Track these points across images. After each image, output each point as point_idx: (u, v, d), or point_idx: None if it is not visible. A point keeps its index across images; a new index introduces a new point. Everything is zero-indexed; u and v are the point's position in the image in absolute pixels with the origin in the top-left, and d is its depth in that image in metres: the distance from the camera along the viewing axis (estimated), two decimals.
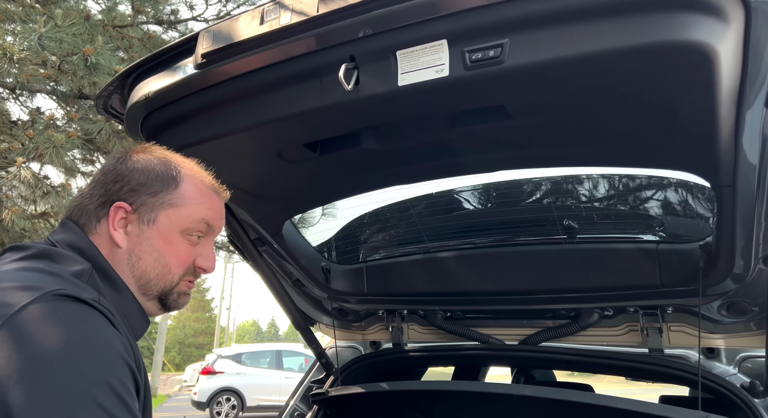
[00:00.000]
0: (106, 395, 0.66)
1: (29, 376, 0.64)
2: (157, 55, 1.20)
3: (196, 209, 0.95)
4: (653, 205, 1.39)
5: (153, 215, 0.91)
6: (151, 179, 0.92)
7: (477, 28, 0.87)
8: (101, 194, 0.91)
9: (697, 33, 0.76)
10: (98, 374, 0.68)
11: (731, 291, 1.25)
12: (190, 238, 0.94)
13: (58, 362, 0.66)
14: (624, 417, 1.31)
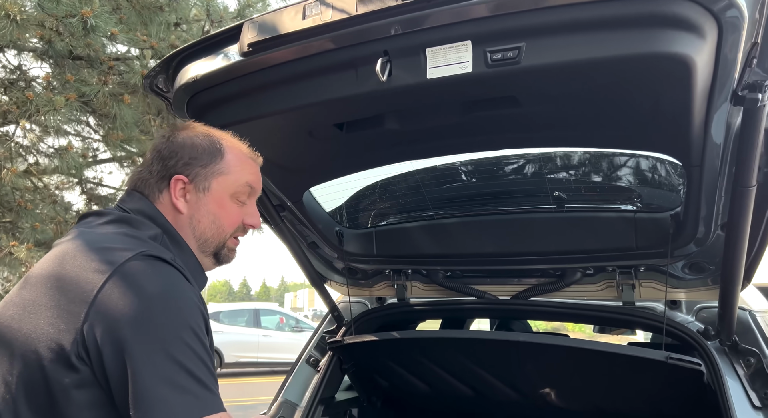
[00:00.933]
0: (190, 336, 0.84)
1: (137, 318, 0.81)
2: (201, 41, 1.32)
3: (241, 174, 1.08)
4: (632, 179, 1.58)
5: (207, 184, 1.05)
6: (200, 153, 1.05)
7: (499, 32, 1.00)
8: (159, 169, 1.04)
9: (680, 46, 0.92)
10: (185, 320, 0.86)
11: (693, 253, 1.47)
12: (239, 200, 1.08)
13: (156, 309, 0.84)
14: (599, 357, 1.55)
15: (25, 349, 0.84)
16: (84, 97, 3.38)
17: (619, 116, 1.19)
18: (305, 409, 1.82)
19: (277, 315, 12.55)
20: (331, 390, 1.93)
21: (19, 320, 0.87)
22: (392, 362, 1.92)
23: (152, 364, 0.79)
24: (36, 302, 0.87)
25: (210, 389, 0.83)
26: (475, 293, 1.85)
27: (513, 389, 1.78)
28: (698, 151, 1.15)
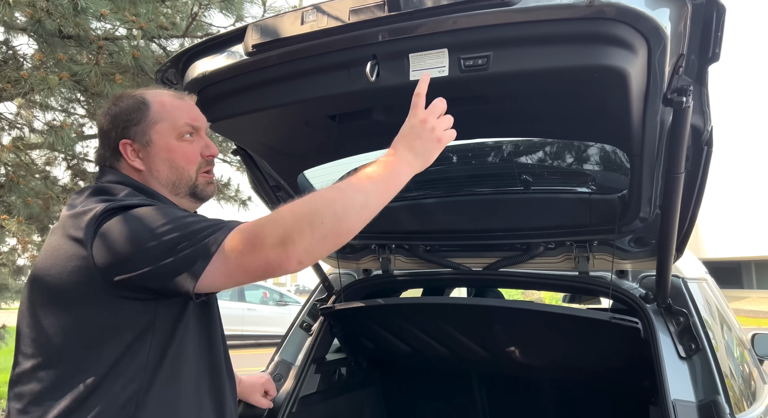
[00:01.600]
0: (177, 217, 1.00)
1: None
2: (209, 40, 1.46)
3: (174, 117, 1.18)
4: (588, 166, 1.77)
5: (147, 137, 1.15)
6: (129, 114, 1.16)
7: (471, 42, 1.15)
8: (108, 143, 1.17)
9: (616, 60, 1.10)
10: (171, 209, 1.04)
11: (638, 229, 1.67)
12: (186, 139, 1.17)
13: (142, 215, 0.99)
14: (557, 319, 1.78)
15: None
16: (76, 76, 3.46)
17: (572, 113, 1.38)
18: (299, 368, 2.03)
19: (260, 290, 12.73)
20: (322, 351, 2.14)
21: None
22: (377, 326, 2.14)
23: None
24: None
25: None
26: (451, 265, 2.04)
27: (483, 349, 2.01)
28: (638, 144, 1.34)
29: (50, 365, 1.00)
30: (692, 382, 1.48)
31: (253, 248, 0.93)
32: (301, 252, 0.92)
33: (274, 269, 0.93)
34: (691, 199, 1.47)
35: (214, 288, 0.98)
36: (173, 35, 3.79)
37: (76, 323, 1.00)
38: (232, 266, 0.94)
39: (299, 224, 0.93)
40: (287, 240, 0.91)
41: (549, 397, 2.32)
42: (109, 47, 3.70)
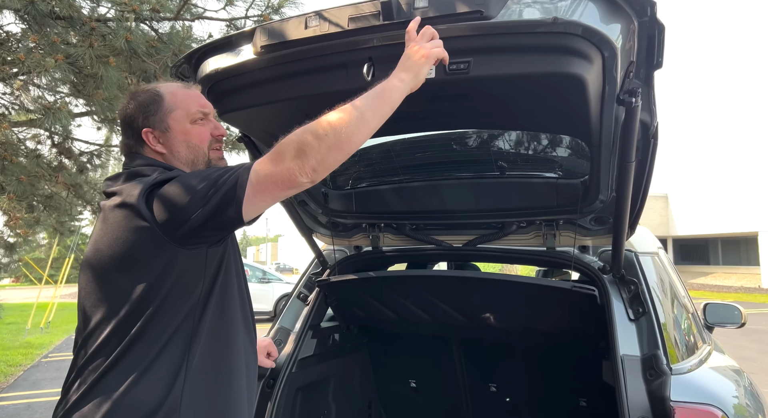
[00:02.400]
0: (204, 173, 1.20)
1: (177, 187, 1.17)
2: (219, 40, 1.61)
3: (185, 104, 1.35)
4: (555, 154, 1.99)
5: (165, 124, 1.33)
6: (147, 106, 1.33)
7: (455, 49, 1.28)
8: (131, 133, 1.35)
9: (576, 68, 1.28)
10: (200, 171, 1.23)
11: (597, 209, 1.87)
12: (198, 122, 1.35)
13: (180, 180, 1.18)
14: (526, 287, 2.03)
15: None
16: (70, 58, 3.54)
17: (540, 110, 1.57)
18: (298, 333, 2.25)
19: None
20: (317, 319, 2.37)
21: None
22: (368, 297, 2.36)
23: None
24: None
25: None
26: (434, 242, 2.25)
27: (462, 315, 2.26)
28: (597, 136, 1.54)
29: (120, 328, 1.17)
30: (638, 340, 1.73)
31: (277, 162, 1.12)
32: (314, 162, 1.11)
33: (296, 177, 1.11)
34: (641, 184, 1.69)
35: (255, 208, 1.16)
36: (165, 18, 3.87)
37: (142, 280, 1.17)
38: (262, 181, 1.12)
39: (308, 139, 1.12)
40: (301, 153, 1.10)
41: (518, 357, 2.60)
42: (101, 29, 3.77)
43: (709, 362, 1.87)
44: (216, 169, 1.22)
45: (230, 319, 1.28)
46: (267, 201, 1.16)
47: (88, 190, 6.73)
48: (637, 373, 1.61)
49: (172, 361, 1.18)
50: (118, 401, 1.13)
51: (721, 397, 1.57)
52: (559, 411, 2.55)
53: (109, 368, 1.16)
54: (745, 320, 3.30)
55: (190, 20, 3.91)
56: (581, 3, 1.23)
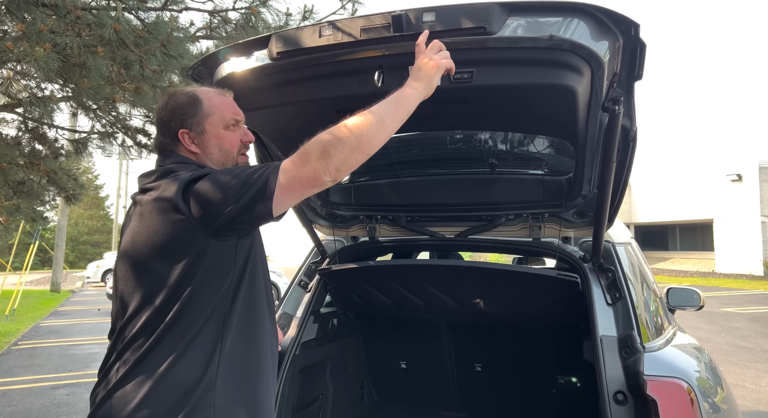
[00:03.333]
0: (234, 171, 1.29)
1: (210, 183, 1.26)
2: (235, 46, 1.69)
3: (222, 111, 1.43)
4: (543, 153, 2.17)
5: (201, 127, 1.41)
6: (187, 109, 1.41)
7: (459, 60, 1.38)
8: (168, 132, 1.42)
9: (568, 80, 1.44)
10: (230, 170, 1.33)
11: (580, 204, 2.07)
12: (230, 128, 1.43)
13: (212, 178, 1.26)
14: (514, 275, 2.21)
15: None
16: (57, 47, 3.52)
17: (533, 114, 1.73)
18: (300, 318, 2.38)
19: None
20: (318, 305, 2.51)
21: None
22: (365, 284, 2.51)
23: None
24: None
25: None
26: (428, 233, 2.41)
27: (453, 300, 2.44)
28: (582, 138, 1.71)
29: (158, 313, 1.26)
30: (615, 322, 1.93)
31: (303, 163, 1.21)
32: (338, 161, 1.19)
33: (321, 176, 1.20)
34: (620, 182, 1.88)
35: (283, 205, 1.26)
36: (152, 8, 3.87)
37: (178, 270, 1.26)
38: (291, 181, 1.21)
39: (332, 141, 1.20)
40: (326, 153, 1.19)
41: (502, 338, 2.80)
42: (87, 17, 3.75)
43: (674, 341, 2.10)
44: (247, 168, 1.31)
45: (257, 305, 1.39)
46: (294, 198, 1.27)
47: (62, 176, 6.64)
48: (614, 351, 1.81)
49: (207, 344, 1.28)
50: (159, 380, 1.23)
51: (686, 371, 1.80)
52: (540, 389, 2.77)
53: (150, 349, 1.26)
54: (703, 303, 3.60)
55: (177, 11, 3.92)
56: (574, 22, 1.37)
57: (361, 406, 2.95)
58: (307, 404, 2.45)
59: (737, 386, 6.16)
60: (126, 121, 5.69)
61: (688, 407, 1.62)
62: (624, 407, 1.68)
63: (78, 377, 6.69)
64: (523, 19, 1.38)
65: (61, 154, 6.07)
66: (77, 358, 7.93)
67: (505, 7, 1.37)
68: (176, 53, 3.73)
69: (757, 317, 11.81)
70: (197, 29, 4.51)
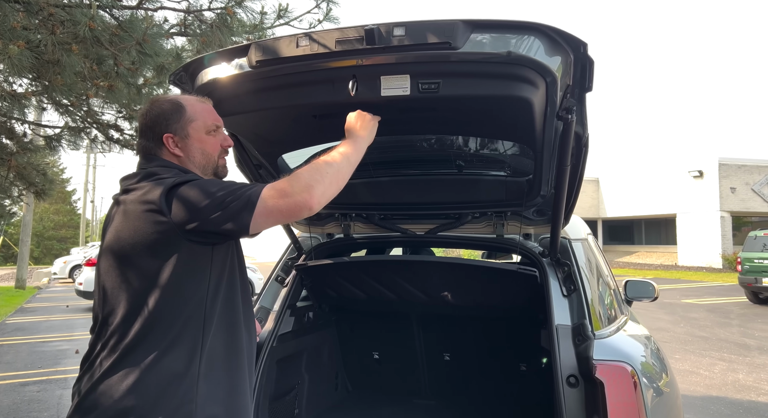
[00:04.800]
0: (222, 183, 1.39)
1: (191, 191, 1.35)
2: (216, 53, 1.76)
3: (204, 117, 1.51)
4: (506, 156, 2.31)
5: (185, 132, 1.48)
6: (171, 114, 1.48)
7: (426, 72, 1.51)
8: (152, 136, 1.49)
9: (524, 92, 1.55)
10: (216, 179, 1.46)
11: (539, 203, 2.21)
12: (211, 133, 1.51)
13: (197, 185, 1.34)
14: (479, 269, 2.36)
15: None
16: (30, 44, 3.52)
17: (495, 121, 1.85)
18: (277, 312, 2.49)
19: None
20: (294, 299, 2.61)
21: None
22: (339, 278, 2.63)
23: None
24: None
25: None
26: (400, 230, 2.53)
27: (424, 293, 2.58)
28: (540, 143, 1.85)
29: (140, 306, 1.33)
30: (570, 312, 2.10)
31: (286, 195, 1.30)
32: (319, 195, 1.31)
33: (301, 208, 1.30)
34: (575, 183, 2.04)
35: (260, 227, 1.35)
36: (127, 7, 3.90)
37: (159, 267, 1.32)
38: (271, 209, 1.29)
39: (314, 176, 1.33)
40: (309, 187, 1.30)
41: (469, 329, 2.96)
42: (59, 14, 3.75)
43: (624, 330, 2.29)
44: (233, 183, 1.40)
45: (235, 305, 1.46)
46: (270, 224, 1.36)
47: (31, 171, 6.55)
48: (568, 339, 1.97)
49: (189, 340, 1.35)
50: (145, 371, 1.29)
51: (632, 356, 1.98)
52: (504, 375, 2.95)
53: (135, 343, 1.31)
54: (658, 295, 3.85)
55: (152, 10, 3.95)
56: (530, 39, 1.50)
57: (335, 395, 3.08)
58: (284, 393, 2.57)
59: (692, 373, 6.51)
60: (98, 116, 5.67)
61: (631, 388, 1.79)
62: (575, 389, 1.85)
63: (48, 374, 6.64)
64: (484, 36, 1.50)
65: (30, 150, 6.00)
66: (47, 355, 7.84)
67: (468, 24, 1.49)
68: (151, 51, 3.76)
69: (714, 307, 12.38)
70: (171, 26, 4.54)
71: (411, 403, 3.06)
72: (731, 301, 13.64)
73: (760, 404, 5.29)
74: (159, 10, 4.04)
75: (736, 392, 5.71)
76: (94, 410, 1.28)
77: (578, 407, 1.83)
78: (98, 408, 1.28)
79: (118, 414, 1.26)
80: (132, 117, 5.43)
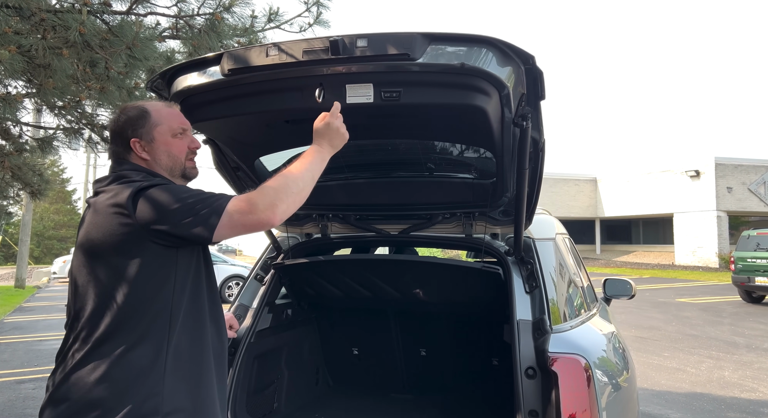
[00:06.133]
0: (190, 190, 1.46)
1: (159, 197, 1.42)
2: (190, 62, 1.85)
3: (169, 121, 1.57)
4: (472, 160, 2.41)
5: (151, 136, 1.54)
6: (137, 120, 1.55)
7: (388, 81, 1.60)
8: (120, 141, 1.55)
9: (477, 101, 1.65)
10: (184, 186, 1.52)
11: (504, 204, 2.32)
12: (178, 136, 1.56)
13: (166, 189, 1.41)
14: (448, 268, 2.47)
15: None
16: (21, 49, 3.62)
17: (455, 127, 1.96)
18: (255, 309, 2.59)
19: None
20: (272, 297, 2.71)
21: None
22: (317, 277, 2.73)
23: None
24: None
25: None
26: (374, 230, 2.63)
27: (396, 290, 2.68)
28: (500, 148, 1.95)
29: (109, 302, 1.40)
30: (531, 308, 2.20)
31: (250, 211, 1.35)
32: (282, 211, 1.36)
33: (264, 224, 1.36)
34: (534, 186, 2.14)
35: (222, 237, 1.42)
36: (117, 12, 3.99)
37: (126, 266, 1.38)
38: (235, 222, 1.35)
39: (279, 194, 1.37)
40: (272, 205, 1.35)
41: (443, 325, 3.07)
42: (51, 19, 3.84)
43: (586, 325, 2.39)
44: (201, 191, 1.46)
45: (201, 305, 1.53)
46: (232, 235, 1.43)
47: (27, 172, 6.65)
48: (528, 333, 2.07)
49: (156, 336, 1.39)
50: (114, 362, 1.36)
51: (587, 349, 2.07)
52: (477, 369, 3.05)
53: (104, 337, 1.38)
54: (635, 293, 3.94)
55: (143, 15, 4.05)
56: (482, 52, 1.61)
57: (316, 390, 3.18)
58: (263, 388, 2.67)
59: (679, 370, 6.61)
60: (92, 117, 5.77)
61: (584, 380, 1.89)
62: (533, 381, 1.95)
63: (44, 371, 6.74)
64: (440, 48, 1.60)
65: (25, 150, 6.10)
66: (43, 353, 7.95)
67: (426, 37, 1.59)
68: (141, 56, 3.86)
69: (707, 307, 12.48)
70: (163, 29, 4.64)
71: (389, 397, 3.16)
72: (725, 300, 13.73)
73: (742, 400, 5.39)
74: (149, 16, 4.13)
75: (720, 389, 5.81)
76: (66, 401, 1.34)
77: (536, 397, 1.93)
78: (69, 399, 1.34)
79: (88, 405, 1.32)
80: None
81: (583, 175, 30.53)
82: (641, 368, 6.60)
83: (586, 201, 29.94)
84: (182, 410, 1.40)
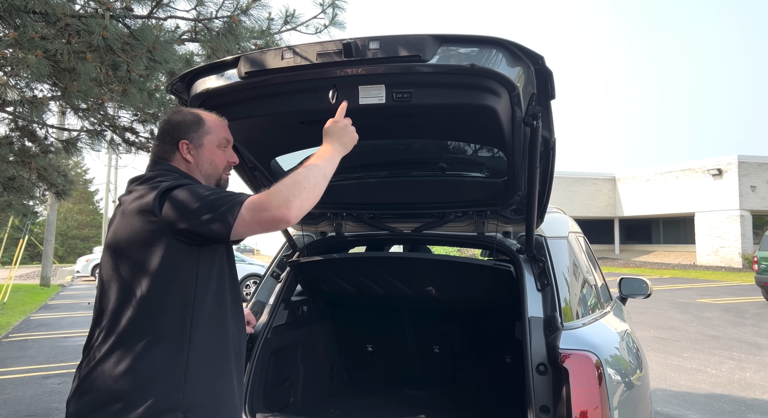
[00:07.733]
0: (213, 189, 1.51)
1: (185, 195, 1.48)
2: (209, 66, 1.91)
3: (218, 132, 1.65)
4: (484, 159, 2.44)
5: (200, 142, 1.62)
6: (191, 124, 1.62)
7: (399, 82, 1.64)
8: (169, 139, 1.61)
9: (488, 101, 1.68)
10: (207, 186, 1.56)
11: (515, 203, 2.34)
12: (222, 148, 1.64)
13: (189, 189, 1.45)
14: (460, 265, 2.49)
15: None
16: (47, 53, 3.74)
17: (467, 127, 1.99)
18: (272, 306, 2.65)
19: None
20: (288, 294, 2.77)
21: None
22: (332, 275, 2.78)
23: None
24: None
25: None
26: (387, 228, 2.67)
27: (409, 288, 2.71)
28: (511, 147, 1.97)
29: (129, 299, 1.45)
30: (543, 305, 2.21)
31: (265, 209, 1.37)
32: (296, 208, 1.37)
33: (279, 222, 1.38)
34: (545, 184, 2.16)
35: (240, 235, 1.45)
36: (138, 16, 4.10)
37: (148, 262, 1.43)
38: (251, 220, 1.38)
39: (292, 191, 1.38)
40: (286, 202, 1.37)
41: (456, 322, 3.09)
42: (76, 24, 3.96)
43: (598, 323, 2.40)
44: (221, 190, 1.52)
45: (223, 303, 1.57)
46: (249, 234, 1.46)
47: (52, 173, 6.84)
48: (539, 330, 2.09)
49: (178, 333, 1.43)
50: (137, 356, 1.40)
51: (599, 346, 2.08)
52: (490, 366, 3.07)
53: (126, 332, 1.43)
54: (651, 292, 3.92)
55: (162, 19, 4.15)
56: (492, 53, 1.63)
57: (331, 385, 3.24)
58: (279, 382, 2.73)
59: (699, 371, 6.53)
60: (114, 119, 5.91)
61: (595, 377, 1.91)
62: (544, 377, 1.97)
63: (69, 367, 6.92)
64: (450, 50, 1.63)
65: (50, 151, 6.28)
66: (68, 349, 8.16)
67: (437, 39, 1.62)
68: (161, 59, 3.95)
69: (729, 307, 12.25)
70: (183, 32, 4.74)
71: (403, 393, 3.20)
72: (748, 301, 13.47)
73: (764, 402, 5.31)
74: (169, 19, 4.23)
75: (741, 390, 5.73)
76: (90, 393, 1.39)
77: (547, 394, 1.95)
78: (94, 391, 1.39)
79: (112, 397, 1.36)
80: (146, 120, 5.65)
81: (601, 174, 30.18)
82: (660, 369, 6.54)
83: (604, 200, 29.59)
84: (202, 406, 1.44)
